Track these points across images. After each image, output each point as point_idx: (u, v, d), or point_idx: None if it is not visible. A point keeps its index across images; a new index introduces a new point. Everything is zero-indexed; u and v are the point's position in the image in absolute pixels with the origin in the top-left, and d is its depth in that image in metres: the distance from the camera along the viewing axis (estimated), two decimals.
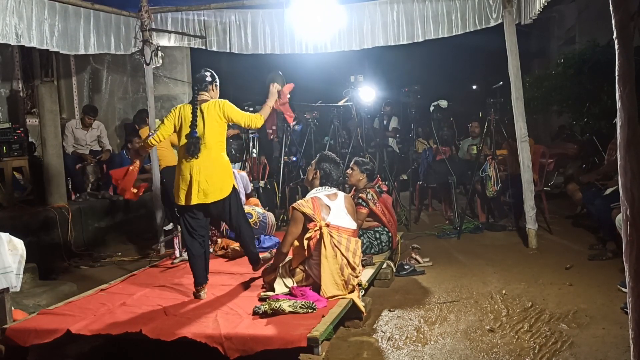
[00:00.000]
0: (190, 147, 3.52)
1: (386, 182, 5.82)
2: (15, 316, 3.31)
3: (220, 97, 3.80)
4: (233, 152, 7.26)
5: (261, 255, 4.09)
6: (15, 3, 4.39)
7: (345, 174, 4.80)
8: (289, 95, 4.19)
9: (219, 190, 3.60)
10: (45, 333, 3.05)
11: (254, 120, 3.70)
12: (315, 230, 3.42)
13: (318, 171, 3.72)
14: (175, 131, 3.69)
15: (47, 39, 4.74)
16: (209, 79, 3.72)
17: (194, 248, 3.64)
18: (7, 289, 3.20)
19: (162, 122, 3.72)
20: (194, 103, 3.61)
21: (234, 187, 3.72)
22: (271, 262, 3.76)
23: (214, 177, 3.57)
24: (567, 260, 4.70)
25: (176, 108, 3.72)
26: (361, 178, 4.73)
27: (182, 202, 3.59)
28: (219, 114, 3.60)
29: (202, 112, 3.59)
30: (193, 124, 3.53)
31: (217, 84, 3.79)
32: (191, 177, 3.53)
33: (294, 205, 3.56)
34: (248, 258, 3.98)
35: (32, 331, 3.08)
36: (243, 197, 5.38)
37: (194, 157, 3.52)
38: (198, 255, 3.64)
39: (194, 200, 3.55)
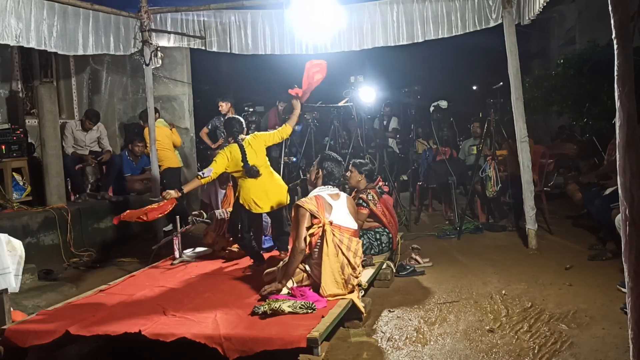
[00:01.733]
0: (249, 173, 4.35)
1: (386, 183, 5.82)
2: (14, 317, 3.31)
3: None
4: None
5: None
6: (14, 3, 4.39)
7: (344, 176, 4.80)
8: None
9: (282, 200, 4.60)
10: (45, 334, 3.05)
11: (284, 131, 4.63)
12: (319, 227, 3.43)
13: (320, 170, 3.72)
14: (226, 169, 4.42)
15: (45, 40, 4.75)
16: (244, 125, 4.59)
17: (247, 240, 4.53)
18: (6, 289, 3.19)
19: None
20: (241, 144, 4.42)
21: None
22: (286, 265, 3.55)
23: (276, 190, 4.54)
24: (567, 260, 4.69)
25: (226, 150, 4.42)
26: (360, 179, 4.73)
27: (258, 209, 4.44)
28: (259, 144, 4.50)
29: (251, 148, 4.43)
30: (244, 159, 4.34)
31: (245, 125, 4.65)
32: (263, 189, 4.43)
33: (298, 202, 3.56)
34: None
35: (31, 332, 3.08)
36: None
37: (256, 176, 4.37)
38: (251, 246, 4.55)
39: (266, 208, 4.47)
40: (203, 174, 4.32)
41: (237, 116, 4.72)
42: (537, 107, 8.09)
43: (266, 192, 4.43)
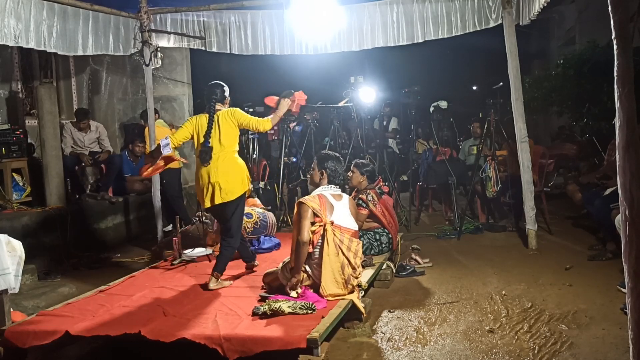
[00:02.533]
0: (202, 154, 3.85)
1: (386, 183, 5.82)
2: (14, 317, 3.30)
3: None
4: None
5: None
6: (14, 4, 4.38)
7: (345, 175, 4.80)
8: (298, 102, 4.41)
9: (237, 188, 3.92)
10: (44, 334, 3.05)
11: (262, 123, 4.05)
12: (320, 226, 3.43)
13: (323, 171, 3.71)
14: (191, 138, 4.01)
15: (45, 40, 4.74)
16: (225, 93, 4.09)
17: (237, 242, 4.02)
18: (6, 290, 3.19)
19: (178, 128, 4.06)
20: (211, 113, 3.94)
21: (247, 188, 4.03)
22: (293, 260, 3.51)
23: (230, 176, 3.89)
24: (567, 260, 4.69)
25: (193, 117, 4.06)
26: (362, 180, 4.74)
27: (207, 204, 3.91)
28: (232, 121, 3.96)
29: (218, 121, 3.93)
30: (207, 134, 3.87)
31: (228, 96, 4.14)
32: (209, 180, 3.86)
33: (301, 200, 3.55)
34: (216, 261, 3.94)
35: (31, 333, 3.08)
36: None
37: (204, 164, 3.85)
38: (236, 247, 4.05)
39: (217, 200, 3.86)
40: (164, 148, 3.93)
41: (221, 82, 4.14)
42: (537, 108, 8.10)
43: (218, 183, 3.84)
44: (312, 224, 3.45)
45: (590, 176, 5.48)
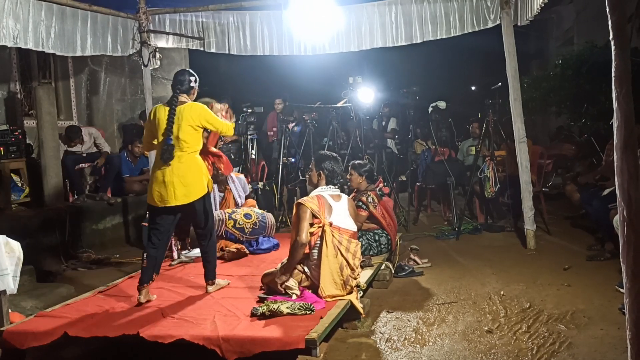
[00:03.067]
0: (164, 153, 3.49)
1: (385, 184, 5.82)
2: (12, 318, 3.30)
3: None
4: (232, 156, 7.26)
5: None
6: (12, 5, 4.38)
7: (344, 177, 4.80)
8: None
9: (193, 192, 3.55)
10: (43, 335, 3.04)
11: (227, 127, 3.73)
12: (319, 227, 3.43)
13: (321, 172, 3.71)
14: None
15: (43, 41, 4.74)
16: (192, 83, 3.68)
17: (152, 250, 3.60)
18: (4, 291, 3.19)
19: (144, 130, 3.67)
20: (173, 105, 3.53)
21: (207, 190, 3.65)
22: (288, 259, 3.50)
23: (187, 178, 3.53)
24: (566, 261, 4.70)
25: (152, 110, 3.67)
26: (361, 181, 4.74)
27: (157, 204, 3.56)
28: (195, 121, 3.55)
29: (179, 116, 3.52)
30: (169, 130, 3.48)
31: (197, 87, 3.75)
32: (164, 180, 3.50)
33: (300, 201, 3.56)
34: (205, 270, 3.77)
35: (30, 334, 3.08)
36: (241, 200, 5.37)
37: (166, 164, 3.50)
38: (153, 257, 3.60)
39: (171, 202, 3.51)
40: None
41: (190, 70, 3.79)
42: (535, 108, 8.09)
43: (173, 183, 3.50)
44: (311, 225, 3.45)
45: (588, 176, 5.49)
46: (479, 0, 5.40)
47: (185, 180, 3.52)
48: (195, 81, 3.71)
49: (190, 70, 3.78)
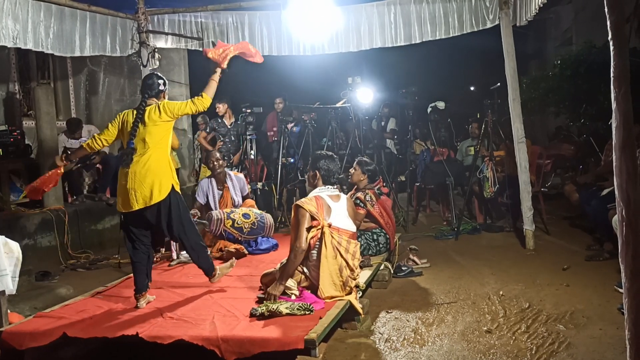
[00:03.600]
0: (124, 156, 3.48)
1: (384, 184, 5.82)
2: (11, 319, 3.30)
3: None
4: (232, 156, 7.26)
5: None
6: (11, 5, 4.38)
7: (344, 173, 4.80)
8: (224, 51, 3.96)
9: (156, 193, 3.46)
10: (42, 336, 3.04)
11: (199, 102, 3.60)
12: (318, 229, 3.42)
13: (317, 172, 3.70)
14: (117, 138, 3.65)
15: (42, 41, 4.74)
16: (162, 87, 3.65)
17: (135, 255, 3.56)
18: (3, 291, 3.19)
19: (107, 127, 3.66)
20: (141, 110, 3.52)
21: (173, 190, 3.53)
22: (285, 265, 3.47)
23: (147, 180, 3.45)
24: (565, 261, 4.70)
25: (121, 114, 3.67)
26: (362, 178, 4.74)
27: (121, 208, 3.53)
28: (160, 116, 3.52)
29: (144, 118, 3.52)
30: (132, 134, 3.47)
31: (167, 91, 3.73)
32: (127, 185, 3.45)
33: (298, 203, 3.53)
34: (202, 269, 3.74)
35: (28, 334, 3.08)
36: (238, 199, 5.36)
37: (126, 167, 3.46)
38: (139, 262, 3.56)
39: (134, 206, 3.45)
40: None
41: (158, 74, 3.77)
42: (534, 108, 8.11)
43: (134, 188, 3.43)
44: (310, 228, 3.43)
45: (587, 176, 5.49)
46: (478, 0, 5.40)
47: (145, 181, 3.44)
48: (165, 84, 3.68)
49: (159, 74, 3.76)
